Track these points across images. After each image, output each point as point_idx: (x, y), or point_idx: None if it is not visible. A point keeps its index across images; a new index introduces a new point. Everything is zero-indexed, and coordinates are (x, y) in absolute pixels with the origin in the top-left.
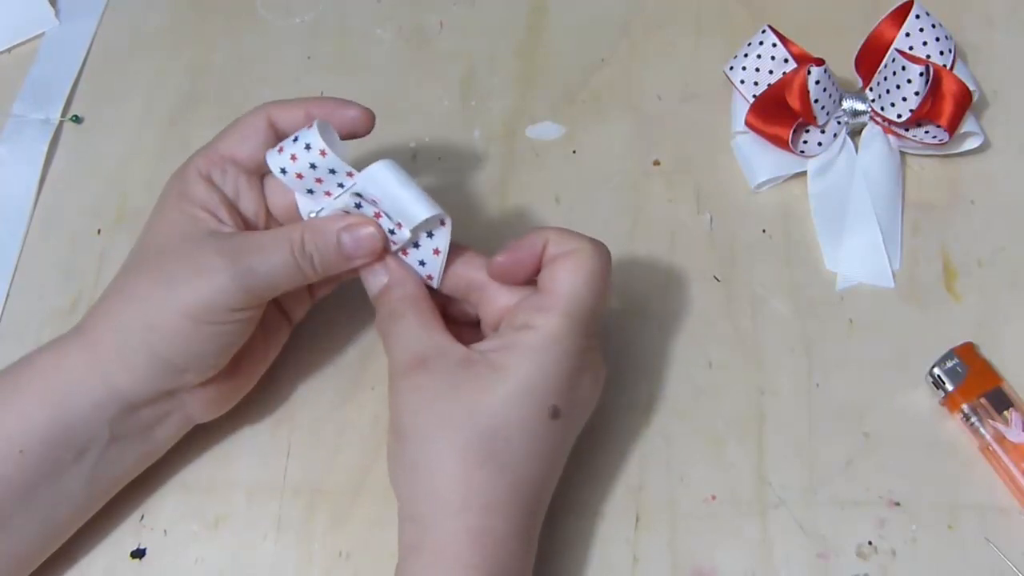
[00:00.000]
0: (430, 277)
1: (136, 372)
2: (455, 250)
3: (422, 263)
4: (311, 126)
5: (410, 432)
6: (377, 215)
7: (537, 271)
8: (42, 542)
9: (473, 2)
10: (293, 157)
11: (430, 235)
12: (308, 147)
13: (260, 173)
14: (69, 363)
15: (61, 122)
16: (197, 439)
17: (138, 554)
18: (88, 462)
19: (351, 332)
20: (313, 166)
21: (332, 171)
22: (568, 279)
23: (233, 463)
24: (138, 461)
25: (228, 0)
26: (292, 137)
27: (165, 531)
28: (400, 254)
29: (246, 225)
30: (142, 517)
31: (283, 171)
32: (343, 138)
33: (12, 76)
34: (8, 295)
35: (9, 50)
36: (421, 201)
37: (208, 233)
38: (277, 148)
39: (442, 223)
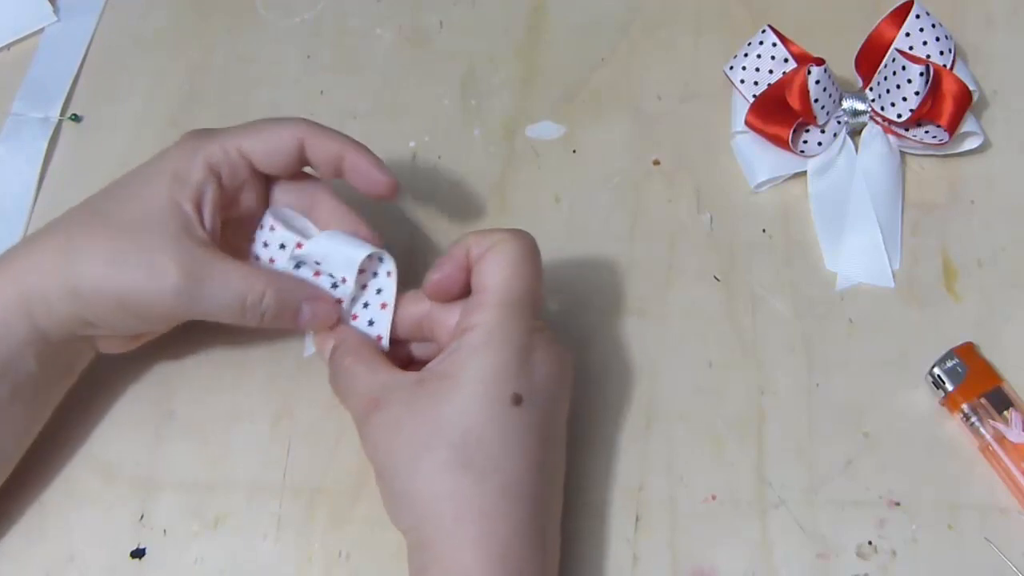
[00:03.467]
0: (379, 338)
1: (58, 321)
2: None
3: (371, 323)
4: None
5: (389, 468)
6: (317, 273)
7: (468, 281)
8: None
9: (473, 2)
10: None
11: (378, 292)
12: (282, 247)
13: (265, 178)
14: (3, 298)
15: (60, 121)
16: (197, 439)
17: (138, 554)
18: (26, 394)
19: None
20: (282, 246)
21: (282, 246)
22: (492, 272)
23: (233, 463)
24: (62, 391)
25: (228, 0)
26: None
27: (165, 531)
28: (351, 319)
29: (226, 221)
30: (142, 517)
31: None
32: (364, 194)
33: (11, 74)
34: None
35: (8, 47)
36: (359, 245)
37: (181, 229)
38: (263, 243)
39: (388, 275)
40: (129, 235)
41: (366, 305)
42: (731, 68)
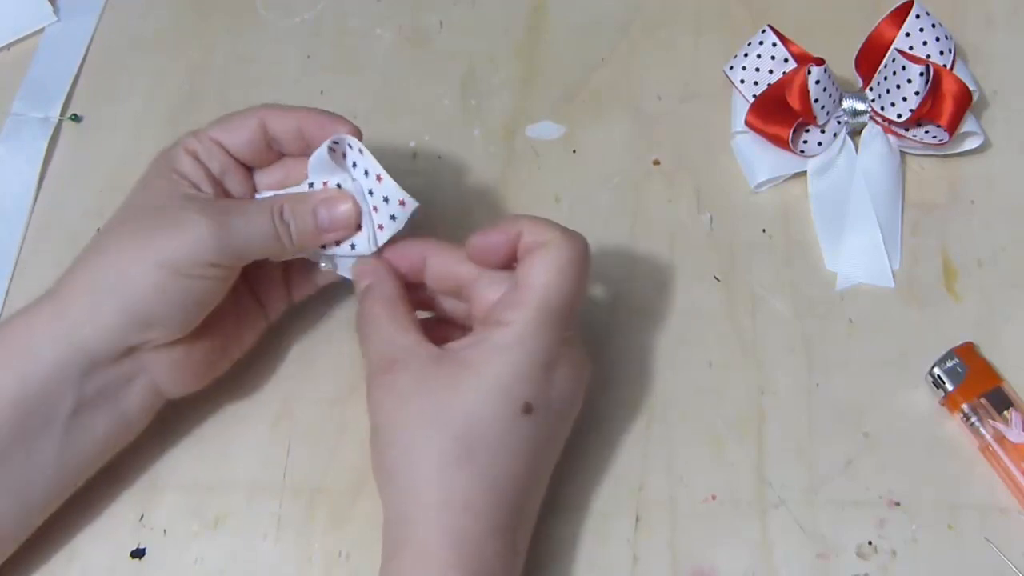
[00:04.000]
0: (402, 203)
1: (102, 323)
2: (444, 247)
3: (386, 199)
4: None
5: (385, 434)
6: (325, 184)
7: (512, 257)
8: (16, 521)
9: (473, 2)
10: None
11: (366, 173)
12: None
13: (245, 165)
14: (37, 322)
15: (60, 121)
16: (197, 439)
17: (138, 554)
18: (57, 428)
19: (350, 331)
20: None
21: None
22: (539, 273)
23: (233, 463)
24: (109, 435)
25: (228, 0)
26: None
27: (165, 531)
28: (372, 212)
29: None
30: (142, 517)
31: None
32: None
33: (11, 74)
34: (8, 295)
35: (8, 47)
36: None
37: (192, 198)
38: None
39: (361, 152)
40: (150, 213)
41: (371, 193)
42: (731, 68)
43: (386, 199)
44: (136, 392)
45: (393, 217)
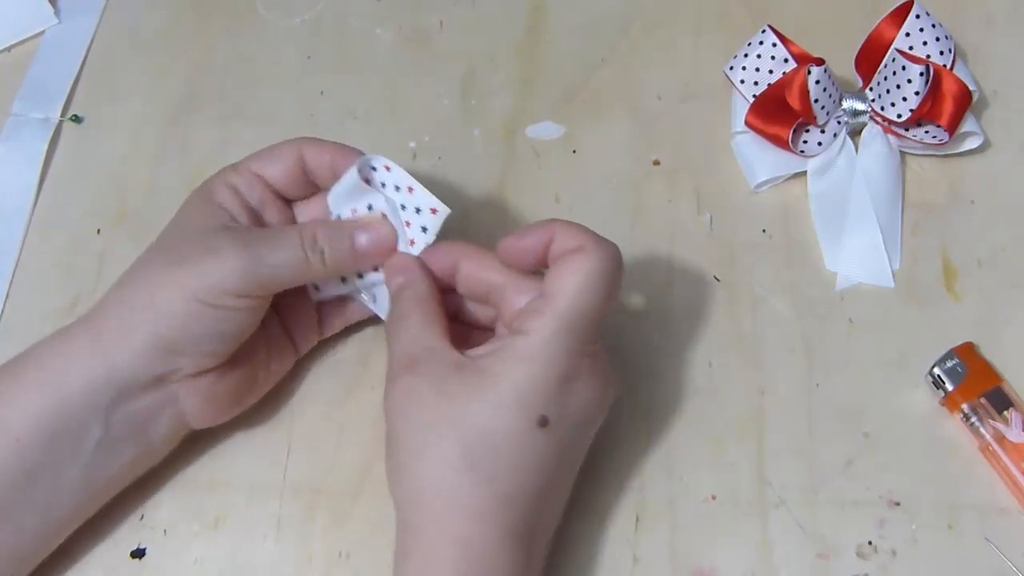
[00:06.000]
0: (433, 211)
1: (133, 350)
2: (476, 252)
3: (418, 210)
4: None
5: (399, 436)
6: (353, 211)
7: (543, 261)
8: (40, 539)
9: (473, 2)
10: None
11: (397, 188)
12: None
13: (284, 196)
14: (70, 348)
15: (61, 121)
16: (197, 439)
17: (138, 554)
18: (85, 455)
19: (351, 331)
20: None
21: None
22: (565, 283)
23: (233, 463)
24: (135, 462)
25: (228, 0)
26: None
27: (165, 531)
28: (405, 227)
29: None
30: (142, 517)
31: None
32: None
33: (12, 75)
34: (8, 295)
35: (9, 48)
36: (348, 172)
37: (224, 226)
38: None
39: (388, 169)
40: (183, 241)
41: (404, 207)
42: (731, 68)
43: (418, 210)
44: (163, 423)
45: (424, 229)
